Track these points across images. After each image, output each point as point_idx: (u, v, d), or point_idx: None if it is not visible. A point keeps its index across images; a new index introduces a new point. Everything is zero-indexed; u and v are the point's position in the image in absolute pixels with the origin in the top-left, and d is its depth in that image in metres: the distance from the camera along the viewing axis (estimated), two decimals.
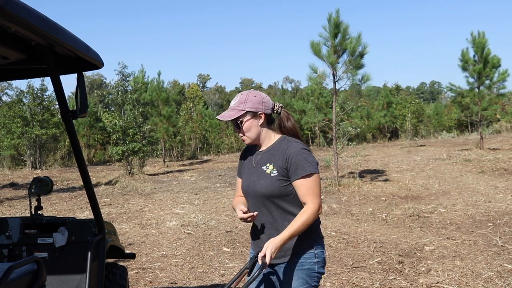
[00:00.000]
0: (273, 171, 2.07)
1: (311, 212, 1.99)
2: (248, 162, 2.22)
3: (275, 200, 2.07)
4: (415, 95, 49.33)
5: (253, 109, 2.09)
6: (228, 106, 2.19)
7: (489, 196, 8.24)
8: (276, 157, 2.08)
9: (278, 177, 2.05)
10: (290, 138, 2.14)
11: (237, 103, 2.10)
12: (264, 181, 2.07)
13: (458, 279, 4.18)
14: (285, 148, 2.07)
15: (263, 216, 2.11)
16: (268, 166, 2.09)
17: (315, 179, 2.03)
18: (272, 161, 2.09)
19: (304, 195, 2.02)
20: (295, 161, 2.02)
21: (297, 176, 2.02)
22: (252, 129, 2.12)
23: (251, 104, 2.09)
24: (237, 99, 2.12)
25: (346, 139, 11.34)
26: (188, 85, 62.56)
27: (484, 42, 15.91)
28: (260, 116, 2.11)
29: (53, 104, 19.45)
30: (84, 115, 2.23)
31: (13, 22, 1.46)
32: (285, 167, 2.04)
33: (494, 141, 19.78)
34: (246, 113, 2.09)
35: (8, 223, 2.71)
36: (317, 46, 10.37)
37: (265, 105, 2.12)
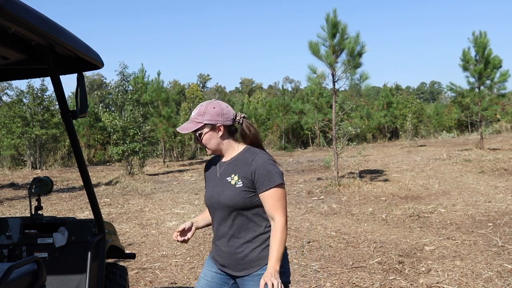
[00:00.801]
0: (238, 182, 2.03)
1: (282, 227, 1.97)
2: (212, 173, 2.18)
3: (239, 212, 2.04)
4: (415, 95, 49.32)
5: (212, 122, 2.05)
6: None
7: (489, 196, 8.24)
8: (241, 168, 2.05)
9: (243, 188, 2.02)
10: (254, 149, 2.11)
11: (195, 115, 2.06)
12: (228, 192, 2.04)
13: (458, 279, 4.18)
14: (251, 159, 2.04)
15: (226, 227, 2.08)
16: (233, 177, 2.05)
17: (282, 191, 2.02)
18: (236, 172, 2.05)
19: (272, 208, 1.99)
20: (262, 172, 1.99)
21: (264, 188, 1.99)
22: (212, 141, 2.08)
23: (209, 116, 2.04)
24: (196, 111, 2.07)
25: (346, 139, 11.34)
26: (188, 85, 62.56)
27: (486, 42, 15.91)
28: (219, 128, 2.07)
29: (53, 104, 19.46)
30: (84, 115, 2.23)
31: (13, 22, 1.46)
32: (251, 178, 2.01)
33: (494, 141, 19.78)
34: (205, 125, 2.05)
35: (8, 223, 2.71)
36: (315, 46, 10.38)
37: (225, 116, 2.07)
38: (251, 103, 32.96)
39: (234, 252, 2.06)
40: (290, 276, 2.14)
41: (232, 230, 2.07)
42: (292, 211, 7.71)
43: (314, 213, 7.51)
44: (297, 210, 7.79)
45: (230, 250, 2.06)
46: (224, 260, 2.10)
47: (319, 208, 7.86)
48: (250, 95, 52.80)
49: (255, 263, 2.04)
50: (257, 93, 52.98)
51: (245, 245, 2.04)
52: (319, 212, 7.56)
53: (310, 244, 5.61)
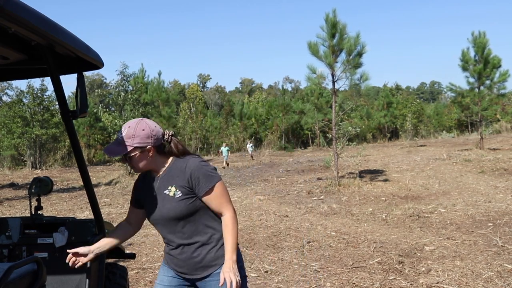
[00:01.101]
0: (177, 192, 2.03)
1: (231, 219, 2.03)
2: (148, 190, 2.15)
3: (186, 219, 2.05)
4: (415, 95, 49.32)
5: (142, 145, 1.99)
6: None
7: (489, 196, 8.24)
8: (176, 178, 2.04)
9: (182, 196, 2.02)
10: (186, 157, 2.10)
11: (124, 138, 1.99)
12: (170, 205, 2.03)
13: (458, 279, 4.18)
14: (184, 166, 2.03)
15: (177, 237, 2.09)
16: (170, 189, 2.04)
17: (221, 187, 2.05)
18: (172, 183, 2.05)
19: (218, 205, 2.04)
20: (198, 176, 2.01)
21: (204, 190, 2.01)
22: (141, 163, 2.04)
23: (139, 139, 1.99)
24: (124, 132, 1.99)
25: (346, 139, 11.34)
26: (188, 85, 62.58)
27: (485, 42, 15.92)
28: (149, 150, 2.02)
29: (53, 104, 19.47)
30: (84, 115, 2.23)
31: (13, 22, 1.46)
32: (189, 185, 2.02)
33: (494, 141, 19.78)
34: (134, 148, 1.99)
35: (8, 223, 2.71)
36: (314, 47, 10.38)
37: (154, 138, 2.02)
38: (251, 103, 32.94)
39: (190, 257, 2.07)
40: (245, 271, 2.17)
41: (184, 238, 2.08)
42: (292, 211, 7.71)
43: (314, 213, 7.51)
44: (297, 210, 7.79)
45: (185, 256, 2.08)
46: (182, 267, 2.11)
47: (319, 208, 7.86)
48: (250, 95, 52.79)
49: (214, 262, 2.07)
50: (257, 93, 52.97)
51: (200, 248, 2.07)
52: (319, 212, 7.56)
53: (310, 244, 5.61)
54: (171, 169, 2.08)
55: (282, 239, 5.88)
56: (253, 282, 4.31)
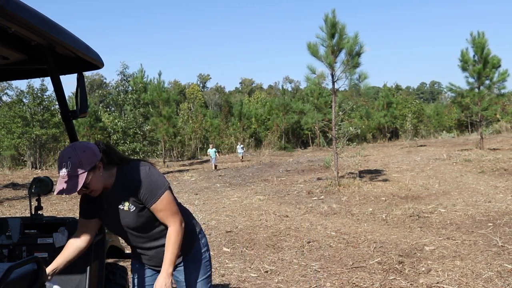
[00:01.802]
0: (131, 206, 2.01)
1: (176, 232, 2.01)
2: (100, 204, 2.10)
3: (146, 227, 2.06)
4: (415, 95, 49.32)
5: (92, 164, 1.90)
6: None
7: (489, 196, 8.24)
8: (126, 193, 2.01)
9: (137, 210, 2.01)
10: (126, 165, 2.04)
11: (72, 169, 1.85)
12: (128, 219, 2.03)
13: (458, 279, 4.18)
14: (130, 179, 2.00)
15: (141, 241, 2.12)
16: (124, 204, 2.02)
17: (166, 198, 2.01)
18: (124, 198, 2.01)
19: (163, 217, 2.02)
20: (143, 189, 1.97)
21: (150, 203, 1.99)
22: (98, 183, 1.96)
23: (87, 161, 1.89)
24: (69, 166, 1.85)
25: (346, 139, 11.34)
26: (188, 85, 62.58)
27: (484, 42, 15.92)
28: (98, 166, 1.94)
29: (53, 104, 19.47)
30: (84, 115, 2.23)
31: (13, 22, 1.46)
32: (137, 200, 2.00)
33: (494, 141, 19.79)
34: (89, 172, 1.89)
35: (8, 223, 2.71)
36: (314, 47, 10.39)
37: (96, 152, 1.94)
38: (251, 103, 32.96)
39: (159, 251, 2.11)
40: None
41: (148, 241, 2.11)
42: (292, 211, 7.71)
43: (314, 213, 7.51)
44: (297, 210, 7.79)
45: (155, 252, 2.12)
46: (153, 261, 2.16)
47: (319, 208, 7.86)
48: (250, 95, 52.80)
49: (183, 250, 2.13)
50: (257, 93, 52.98)
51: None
52: (319, 212, 7.56)
53: (310, 244, 5.61)
54: (118, 182, 2.03)
55: (282, 239, 5.88)
56: (253, 282, 4.32)
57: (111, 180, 2.02)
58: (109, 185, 2.02)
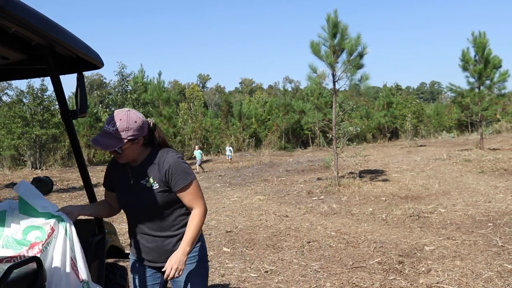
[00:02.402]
0: (154, 184, 2.07)
1: (200, 214, 2.10)
2: (122, 177, 2.16)
3: (159, 210, 2.10)
4: (415, 95, 49.32)
5: (134, 137, 2.01)
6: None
7: (489, 196, 8.24)
8: (154, 171, 2.08)
9: (159, 189, 2.07)
10: (162, 149, 2.13)
11: (118, 131, 1.98)
12: (147, 195, 2.07)
13: (458, 279, 4.18)
14: (162, 161, 2.07)
15: (148, 227, 2.14)
16: (148, 180, 2.08)
17: (196, 184, 2.12)
18: (150, 175, 2.08)
19: (190, 201, 2.10)
20: (175, 172, 2.05)
21: (180, 186, 2.07)
22: (130, 154, 2.05)
23: (132, 131, 2.00)
24: (116, 125, 1.97)
25: (346, 139, 11.34)
26: (188, 85, 62.60)
27: (485, 42, 15.92)
28: (139, 140, 2.05)
29: (53, 104, 19.46)
30: (84, 115, 2.23)
31: (13, 22, 1.46)
32: (165, 179, 2.06)
33: (494, 141, 19.79)
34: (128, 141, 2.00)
35: None
36: (316, 46, 10.39)
37: (143, 128, 2.06)
38: (251, 103, 32.98)
39: (161, 245, 2.13)
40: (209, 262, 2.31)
41: (156, 229, 2.13)
42: (292, 211, 7.71)
43: (314, 213, 7.51)
44: (297, 210, 7.79)
45: (156, 244, 2.14)
46: (151, 255, 2.17)
47: (319, 208, 7.86)
48: (251, 95, 52.81)
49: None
50: (257, 93, 52.99)
51: (171, 239, 2.13)
52: (319, 212, 7.56)
53: (310, 244, 5.61)
54: (149, 160, 2.11)
55: (282, 239, 5.88)
56: (253, 282, 4.32)
57: (142, 157, 2.11)
58: (139, 161, 2.11)
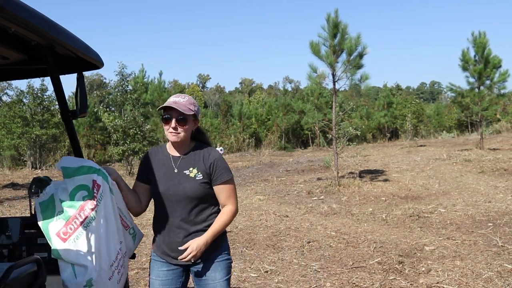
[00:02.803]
0: (198, 174, 2.16)
1: (231, 212, 2.20)
2: (163, 167, 2.23)
3: (197, 203, 2.16)
4: (415, 95, 49.31)
5: (195, 114, 2.20)
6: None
7: (489, 196, 8.23)
8: (199, 162, 2.18)
9: (202, 180, 2.16)
10: (205, 145, 2.27)
11: (187, 103, 2.15)
12: (188, 185, 2.15)
13: (458, 279, 4.18)
14: (208, 154, 2.20)
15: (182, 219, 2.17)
16: (192, 170, 2.17)
17: (233, 183, 2.24)
18: (195, 166, 2.18)
19: (226, 198, 2.20)
20: (218, 166, 2.18)
21: (221, 180, 2.18)
22: (188, 131, 2.18)
23: (197, 108, 2.20)
24: (185, 99, 2.17)
25: (346, 139, 11.34)
26: (188, 85, 62.59)
27: (485, 42, 15.90)
28: (195, 122, 2.23)
29: (53, 104, 19.44)
30: (84, 115, 2.24)
31: (13, 22, 1.46)
32: (209, 172, 2.17)
33: (494, 141, 19.78)
34: (193, 115, 2.18)
35: (8, 223, 2.71)
36: (316, 46, 10.36)
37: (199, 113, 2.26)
38: (250, 103, 32.97)
39: (184, 240, 2.15)
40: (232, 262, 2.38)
41: (188, 221, 2.16)
42: (292, 211, 7.71)
43: (314, 213, 7.51)
44: (297, 210, 7.79)
45: (186, 240, 2.15)
46: (170, 246, 2.19)
47: (319, 208, 7.86)
48: (250, 95, 52.81)
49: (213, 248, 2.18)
50: (257, 93, 52.98)
51: (201, 232, 2.15)
52: (319, 212, 7.56)
53: (310, 244, 5.61)
54: (194, 152, 2.21)
55: (282, 239, 5.88)
56: (253, 282, 4.32)
57: (187, 148, 2.22)
58: (183, 151, 2.22)
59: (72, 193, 2.01)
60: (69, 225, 1.95)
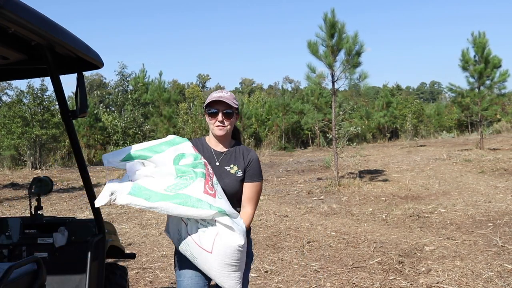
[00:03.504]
0: (238, 171, 2.24)
1: (249, 217, 2.25)
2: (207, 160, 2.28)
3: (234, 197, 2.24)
4: (415, 95, 49.28)
5: (238, 108, 2.30)
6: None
7: (489, 196, 8.23)
8: (239, 160, 2.27)
9: (241, 177, 2.25)
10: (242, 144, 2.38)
11: (231, 97, 2.23)
12: (229, 181, 2.22)
13: (458, 279, 4.18)
14: (247, 153, 2.30)
15: None
16: (232, 167, 2.25)
17: (261, 186, 2.31)
18: (235, 163, 2.26)
19: (249, 197, 2.26)
20: (254, 165, 2.28)
21: (252, 179, 2.26)
22: (232, 124, 2.28)
23: (238, 103, 2.29)
24: (228, 94, 2.25)
25: (346, 139, 11.33)
26: (187, 85, 62.56)
27: (485, 42, 15.90)
28: (237, 116, 2.30)
29: (53, 104, 19.42)
30: (84, 115, 2.23)
31: (13, 22, 1.46)
32: (246, 169, 2.27)
33: (494, 141, 19.78)
34: (236, 109, 2.27)
35: (8, 223, 2.71)
36: (314, 46, 10.33)
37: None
38: (251, 103, 32.96)
39: None
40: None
41: None
42: (292, 211, 7.71)
43: (314, 213, 7.51)
44: (297, 210, 7.78)
45: None
46: None
47: (319, 208, 7.86)
48: (250, 95, 52.80)
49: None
50: (257, 93, 52.95)
51: None
52: (319, 212, 7.56)
53: (310, 244, 5.61)
54: (235, 150, 2.30)
55: (282, 239, 5.88)
56: (253, 282, 4.32)
57: (228, 144, 2.31)
58: (225, 147, 2.29)
59: (176, 162, 2.06)
60: (208, 182, 2.02)
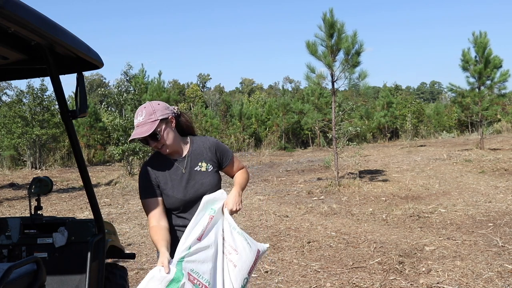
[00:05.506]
0: (208, 166, 2.20)
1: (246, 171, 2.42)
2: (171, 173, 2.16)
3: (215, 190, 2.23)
4: (415, 95, 49.28)
5: (164, 116, 2.11)
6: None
7: (490, 196, 8.23)
8: (203, 154, 2.22)
9: (214, 169, 2.23)
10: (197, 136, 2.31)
11: (146, 117, 2.07)
12: (205, 179, 2.18)
13: (458, 280, 4.17)
14: (207, 142, 2.25)
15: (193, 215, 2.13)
16: (201, 165, 2.19)
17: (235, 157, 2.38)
18: (201, 159, 2.21)
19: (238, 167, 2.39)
20: (221, 149, 2.28)
21: (228, 159, 2.31)
22: (170, 135, 2.13)
23: (160, 112, 2.10)
24: (143, 114, 2.08)
25: (346, 139, 11.33)
26: (187, 85, 62.57)
27: (486, 42, 15.89)
28: (171, 120, 2.16)
29: (53, 104, 19.41)
30: (84, 115, 2.23)
31: (13, 22, 1.46)
32: (215, 158, 2.25)
33: (494, 141, 19.77)
34: (160, 121, 2.09)
35: (8, 223, 2.71)
36: (313, 46, 10.31)
37: (170, 109, 2.18)
38: (251, 103, 32.96)
39: None
40: None
41: None
42: (292, 211, 7.70)
43: (314, 213, 7.51)
44: (297, 210, 7.78)
45: None
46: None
47: (319, 208, 7.86)
48: (250, 95, 52.80)
49: None
50: (257, 93, 52.96)
51: None
52: (319, 212, 7.56)
53: (310, 244, 5.61)
54: (194, 148, 2.23)
55: (282, 239, 5.88)
56: (253, 282, 4.31)
57: (187, 147, 2.23)
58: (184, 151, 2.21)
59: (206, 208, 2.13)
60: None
